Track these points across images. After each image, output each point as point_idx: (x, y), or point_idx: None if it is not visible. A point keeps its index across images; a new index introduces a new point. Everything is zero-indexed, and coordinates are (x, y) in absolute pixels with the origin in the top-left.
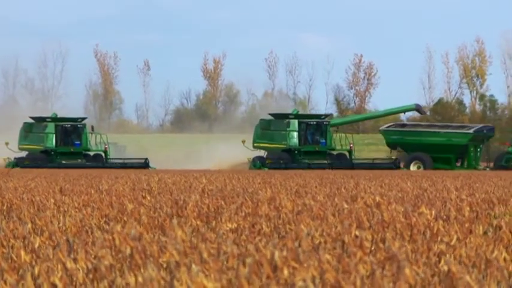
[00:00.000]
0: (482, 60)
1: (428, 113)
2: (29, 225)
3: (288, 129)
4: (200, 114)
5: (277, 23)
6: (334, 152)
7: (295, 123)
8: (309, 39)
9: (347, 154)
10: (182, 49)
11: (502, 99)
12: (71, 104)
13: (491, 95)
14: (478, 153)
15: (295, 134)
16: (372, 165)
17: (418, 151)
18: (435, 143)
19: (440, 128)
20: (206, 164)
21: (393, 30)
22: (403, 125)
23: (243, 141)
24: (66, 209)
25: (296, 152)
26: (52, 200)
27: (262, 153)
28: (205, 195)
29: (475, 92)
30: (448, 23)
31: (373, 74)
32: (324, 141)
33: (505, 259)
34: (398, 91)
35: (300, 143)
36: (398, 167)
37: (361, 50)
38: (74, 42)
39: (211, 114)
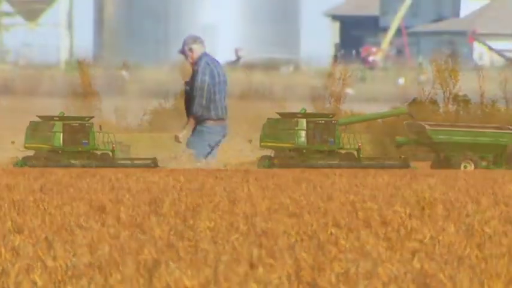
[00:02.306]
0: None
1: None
2: (9, 224)
3: (296, 128)
4: (178, 114)
5: None
6: (343, 151)
7: (303, 122)
8: None
9: (355, 153)
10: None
11: (475, 99)
12: (51, 104)
13: (465, 95)
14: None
15: (303, 133)
16: (382, 165)
17: (464, 151)
18: (483, 142)
19: (483, 127)
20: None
21: None
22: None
23: (250, 141)
24: (46, 207)
25: (304, 151)
26: (31, 198)
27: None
28: (183, 193)
29: (448, 92)
30: None
31: (347, 74)
32: (332, 140)
33: (477, 256)
34: (373, 91)
35: (308, 142)
36: (408, 167)
37: None
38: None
39: None
